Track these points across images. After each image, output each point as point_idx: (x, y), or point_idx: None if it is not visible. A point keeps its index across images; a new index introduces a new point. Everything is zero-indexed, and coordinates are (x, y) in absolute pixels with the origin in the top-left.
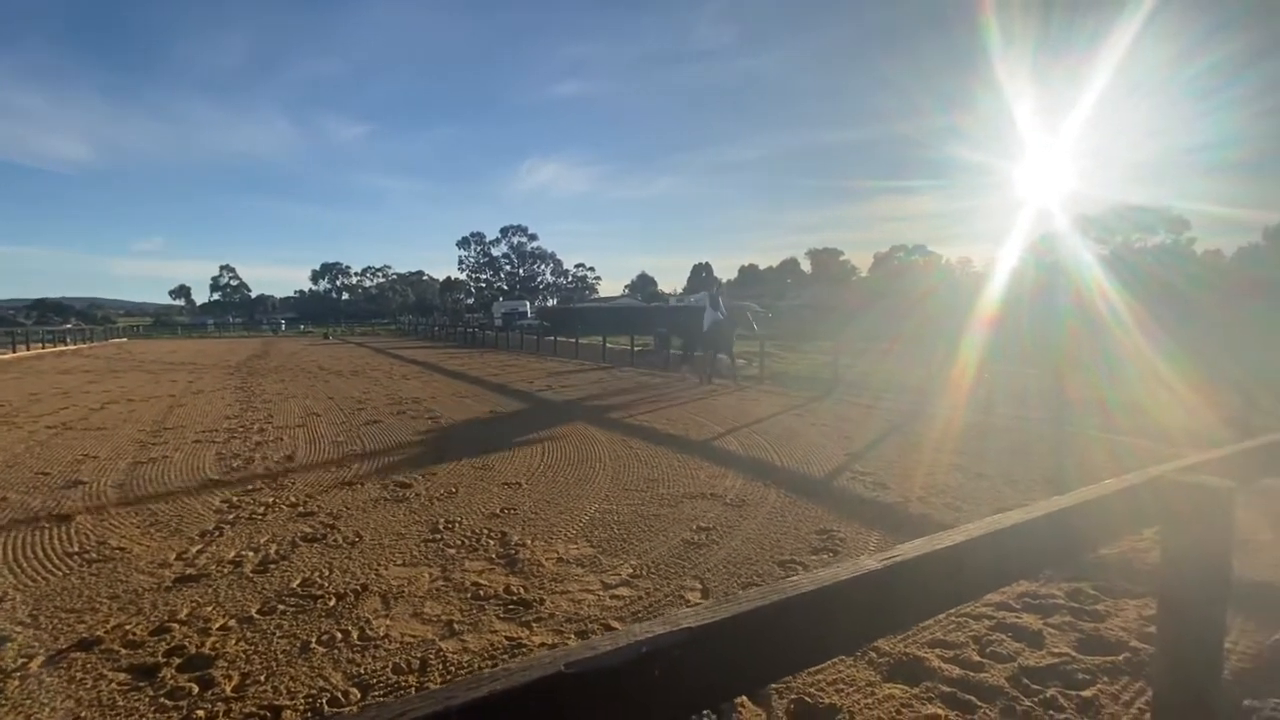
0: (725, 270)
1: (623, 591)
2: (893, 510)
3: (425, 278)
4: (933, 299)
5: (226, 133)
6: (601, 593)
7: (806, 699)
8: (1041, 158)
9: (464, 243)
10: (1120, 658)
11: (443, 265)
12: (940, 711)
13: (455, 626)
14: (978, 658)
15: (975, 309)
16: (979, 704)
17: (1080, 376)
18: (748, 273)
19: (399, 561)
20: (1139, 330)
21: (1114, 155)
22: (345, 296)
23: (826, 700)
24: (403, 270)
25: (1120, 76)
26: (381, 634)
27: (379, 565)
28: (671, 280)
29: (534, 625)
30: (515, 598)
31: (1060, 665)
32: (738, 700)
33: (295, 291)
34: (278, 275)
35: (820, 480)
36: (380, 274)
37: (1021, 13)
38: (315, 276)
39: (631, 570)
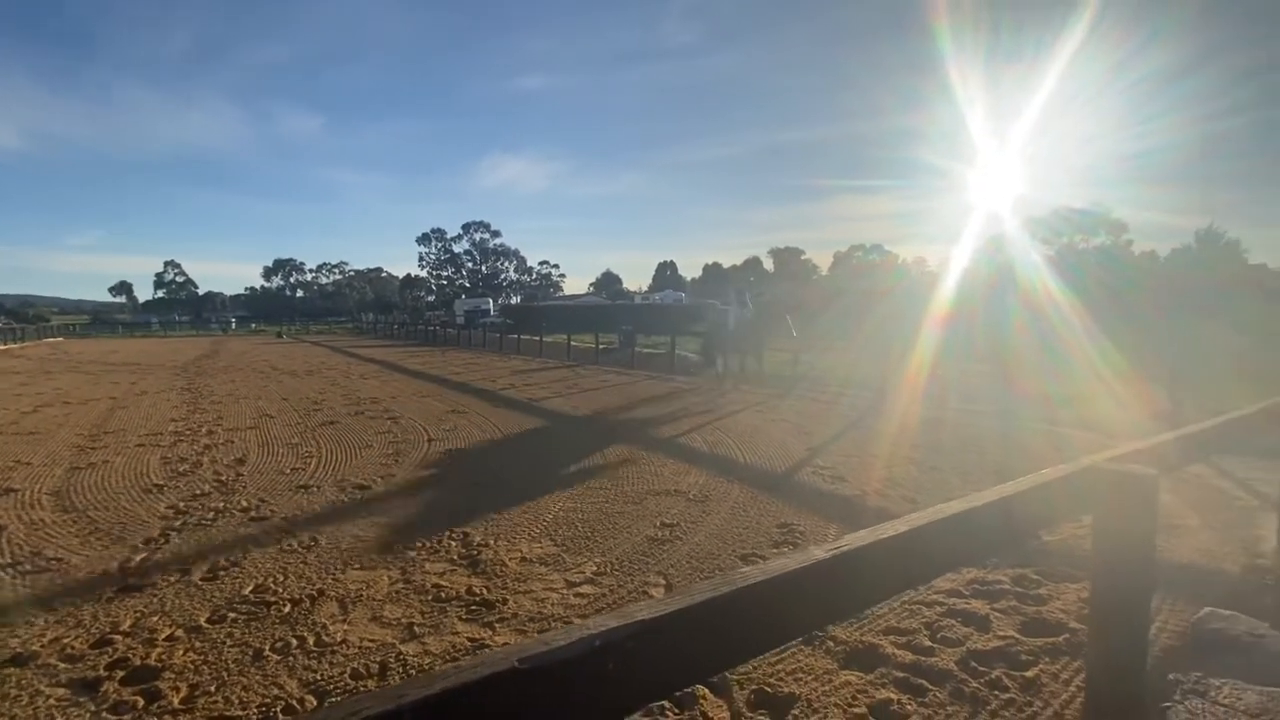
0: (690, 268)
1: (586, 589)
2: (851, 503)
3: (384, 275)
4: (890, 297)
5: (172, 121)
6: (565, 591)
7: (766, 689)
8: (992, 161)
9: (424, 239)
10: (1060, 639)
11: (402, 262)
12: (893, 695)
13: (416, 629)
14: (929, 643)
15: (930, 307)
16: (930, 687)
17: (1027, 372)
18: (712, 271)
19: (357, 565)
20: (1080, 328)
21: (1059, 160)
22: (300, 294)
23: (786, 689)
24: (360, 267)
25: (1064, 85)
26: (339, 639)
27: (336, 569)
28: (637, 278)
29: (497, 626)
30: (478, 598)
31: (1006, 648)
32: (700, 693)
33: (246, 289)
34: (227, 272)
35: (781, 475)
36: (337, 270)
37: (973, 20)
38: (268, 273)
39: (596, 568)
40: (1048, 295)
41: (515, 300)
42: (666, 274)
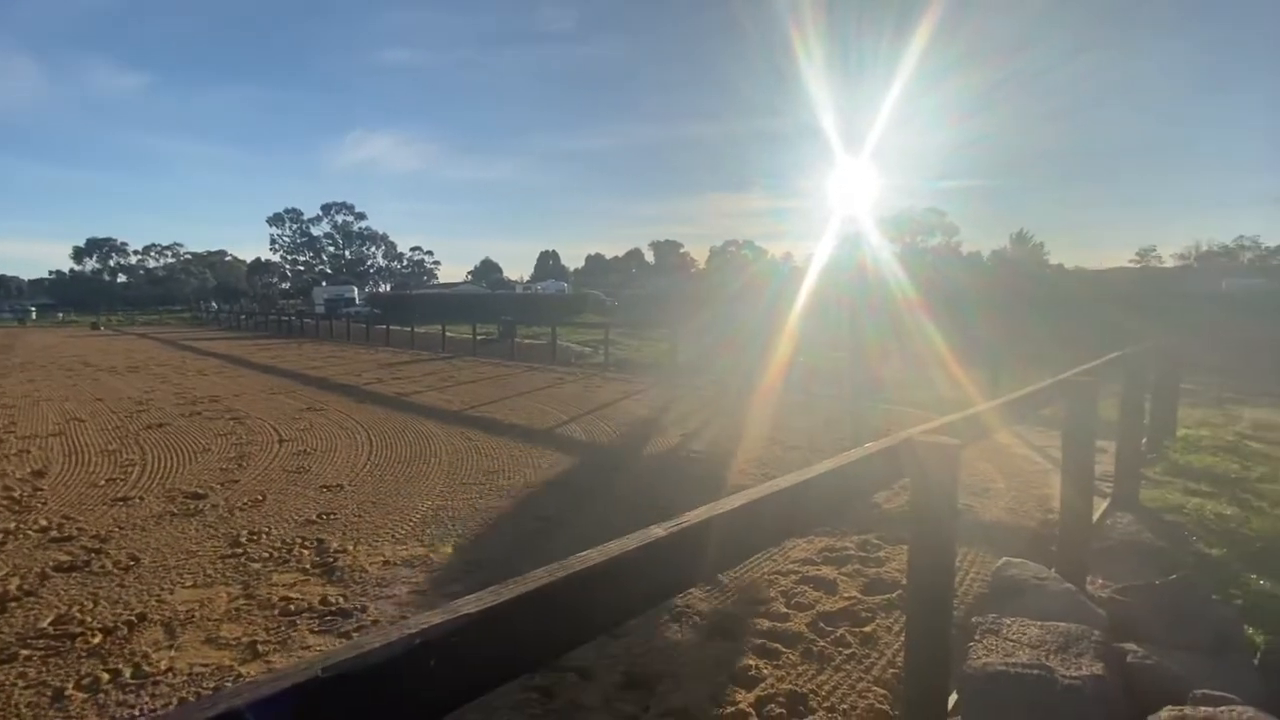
0: (573, 259)
1: (456, 589)
2: (722, 483)
3: (229, 258)
4: (761, 290)
5: None
6: (432, 593)
7: (635, 669)
8: (847, 166)
9: (277, 220)
10: (894, 595)
11: (251, 244)
12: (752, 661)
13: (259, 648)
14: (784, 609)
15: (795, 299)
16: (783, 650)
17: (876, 357)
18: (595, 261)
19: (189, 583)
20: (919, 318)
21: (902, 167)
22: (122, 279)
23: (654, 668)
24: (199, 249)
25: (900, 99)
26: (163, 668)
27: (162, 590)
28: (519, 267)
29: (354, 636)
30: (333, 608)
31: (850, 607)
32: (569, 680)
33: (51, 272)
34: (25, 252)
35: (658, 461)
36: (169, 253)
37: (827, 34)
38: (79, 254)
39: (466, 567)
40: (894, 289)
41: (384, 288)
42: (549, 264)
